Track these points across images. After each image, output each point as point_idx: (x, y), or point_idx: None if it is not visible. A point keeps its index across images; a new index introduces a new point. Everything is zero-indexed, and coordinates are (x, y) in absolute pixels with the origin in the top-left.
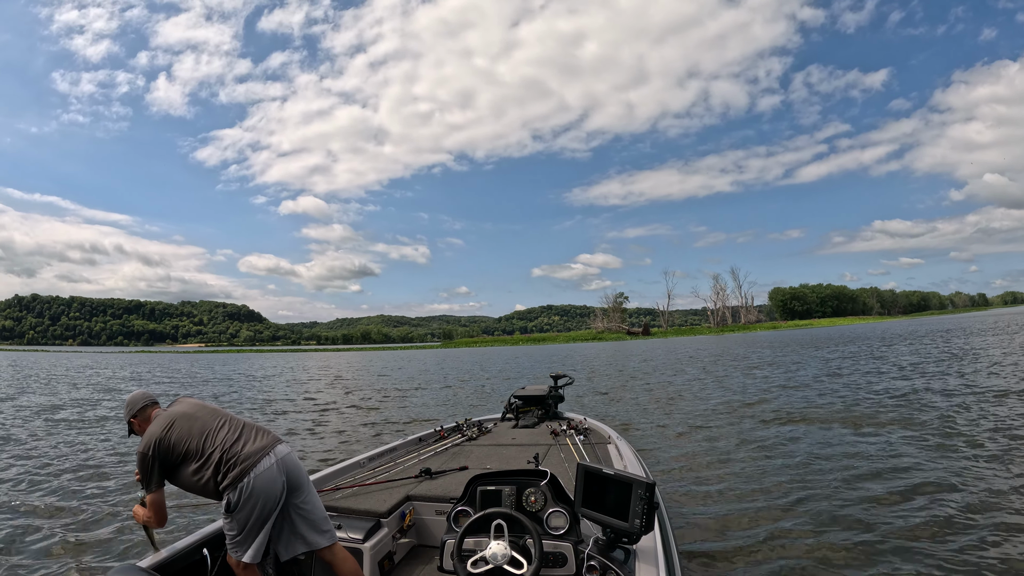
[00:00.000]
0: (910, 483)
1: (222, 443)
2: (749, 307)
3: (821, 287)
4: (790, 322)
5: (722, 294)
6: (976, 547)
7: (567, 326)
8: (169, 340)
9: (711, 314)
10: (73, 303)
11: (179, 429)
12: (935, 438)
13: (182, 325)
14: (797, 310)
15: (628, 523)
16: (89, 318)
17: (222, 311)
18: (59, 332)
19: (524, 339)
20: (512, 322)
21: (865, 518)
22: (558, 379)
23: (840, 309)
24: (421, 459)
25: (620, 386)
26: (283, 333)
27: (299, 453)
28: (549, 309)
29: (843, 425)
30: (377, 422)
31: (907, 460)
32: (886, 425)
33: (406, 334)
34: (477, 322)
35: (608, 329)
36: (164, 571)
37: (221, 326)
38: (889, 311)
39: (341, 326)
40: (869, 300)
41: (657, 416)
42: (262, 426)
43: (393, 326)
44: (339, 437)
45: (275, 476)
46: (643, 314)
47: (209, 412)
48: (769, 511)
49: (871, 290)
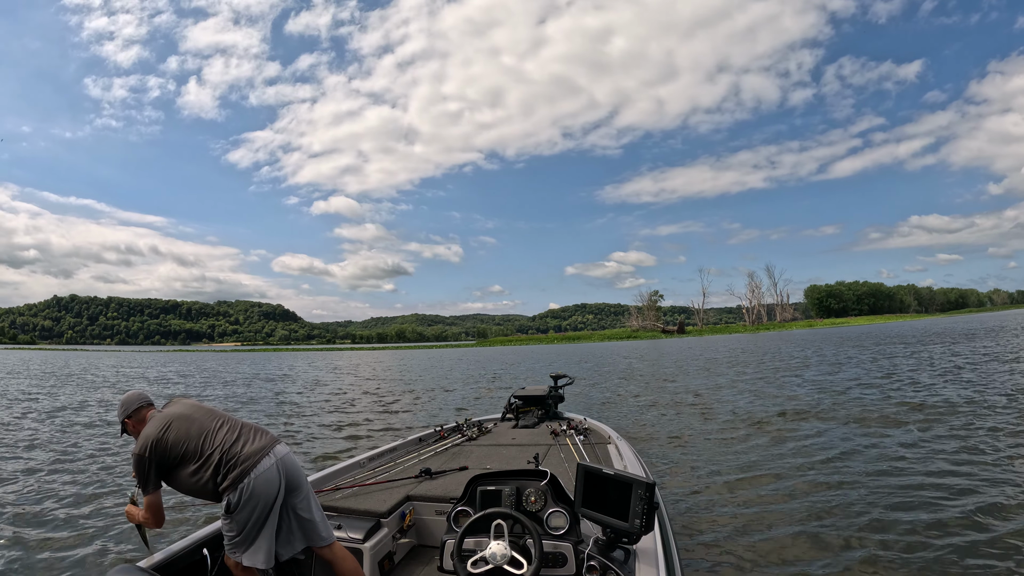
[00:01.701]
0: (913, 485)
1: (221, 443)
2: (785, 305)
3: (857, 284)
4: (826, 320)
5: (757, 292)
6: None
7: (601, 324)
8: (205, 339)
9: (746, 312)
10: (111, 303)
11: (176, 430)
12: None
13: (218, 324)
14: (833, 308)
15: (628, 523)
16: (127, 318)
17: (258, 311)
18: (97, 332)
19: (559, 338)
20: (546, 321)
21: (865, 517)
22: (558, 379)
23: (877, 307)
24: (421, 459)
25: (649, 388)
26: (318, 332)
27: (318, 449)
28: (583, 308)
29: (860, 425)
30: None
31: (926, 462)
32: (903, 424)
33: (440, 333)
34: (511, 321)
35: (643, 328)
36: (164, 571)
37: (256, 325)
38: (926, 309)
39: (375, 325)
40: (906, 298)
41: (661, 415)
42: (260, 426)
43: (427, 325)
44: (381, 434)
45: (275, 476)
46: (678, 312)
47: (206, 413)
48: (770, 511)
49: (908, 287)
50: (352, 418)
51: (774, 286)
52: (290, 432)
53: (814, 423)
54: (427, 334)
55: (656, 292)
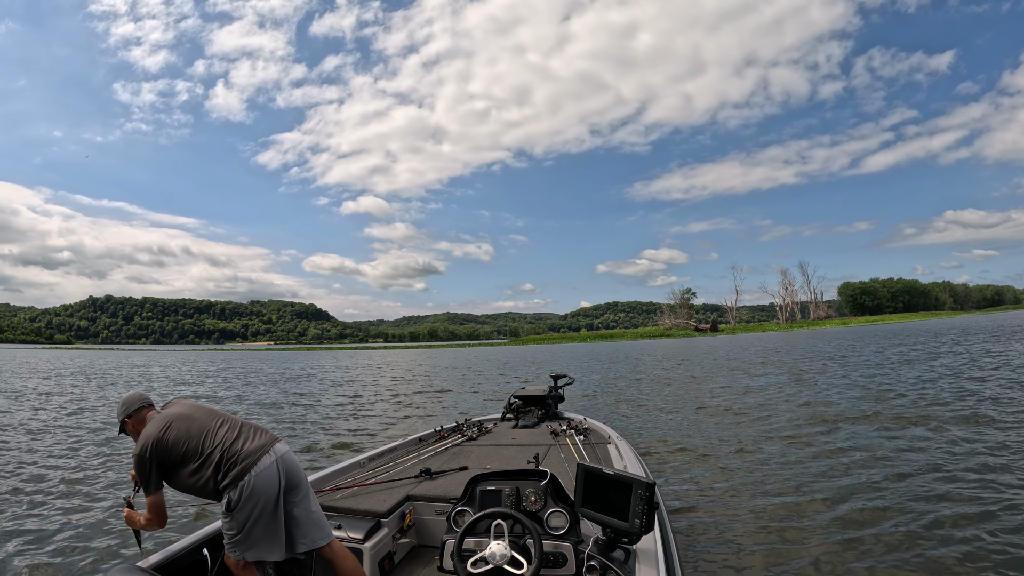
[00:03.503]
0: (922, 492)
1: (222, 442)
2: (818, 303)
3: (892, 281)
4: (860, 318)
5: (790, 289)
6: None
7: (633, 323)
8: (239, 339)
9: (779, 310)
10: (146, 303)
11: (176, 430)
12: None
13: (251, 324)
14: (867, 305)
15: (628, 523)
16: (161, 317)
17: (290, 310)
18: (132, 332)
19: (591, 336)
20: (578, 319)
21: (864, 518)
22: (558, 379)
23: (911, 304)
24: (421, 459)
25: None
26: (350, 331)
27: (323, 443)
28: (615, 306)
29: (871, 424)
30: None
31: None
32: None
33: (472, 332)
34: (542, 319)
35: (675, 326)
36: (164, 571)
37: (289, 324)
38: (962, 306)
39: (407, 324)
40: (941, 295)
41: (664, 415)
42: (260, 425)
43: (459, 324)
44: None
45: (274, 474)
46: (710, 310)
47: (206, 412)
48: (770, 511)
49: (943, 284)
50: (378, 415)
51: (807, 283)
52: (300, 431)
53: (831, 425)
54: (459, 333)
55: (688, 290)
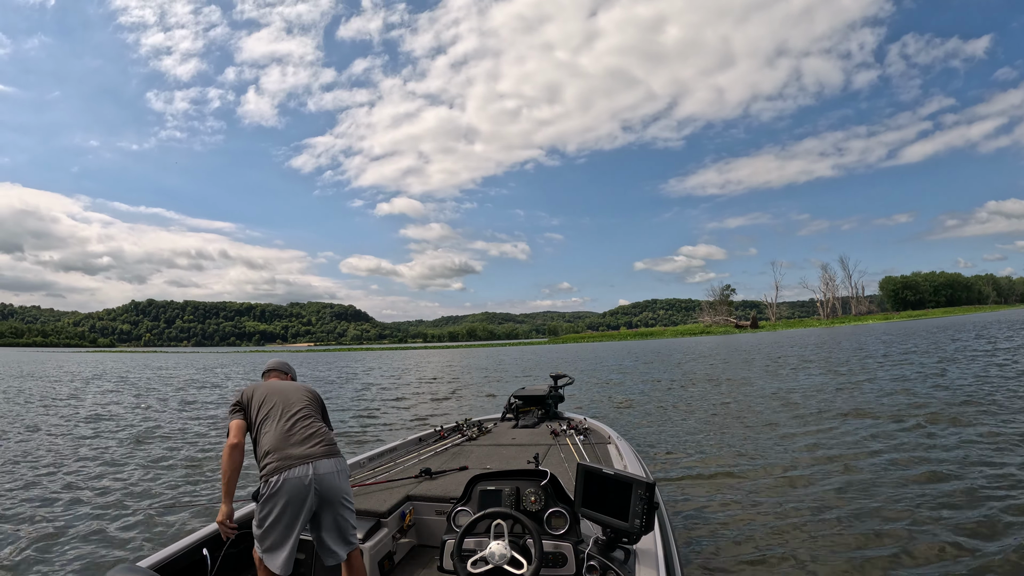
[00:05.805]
0: (915, 487)
1: (276, 432)
2: (860, 298)
3: (934, 275)
4: (903, 313)
5: (831, 284)
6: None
7: (672, 320)
8: (279, 340)
9: (820, 305)
10: (187, 307)
11: (263, 397)
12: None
13: (291, 325)
14: (910, 300)
15: (628, 523)
16: (202, 320)
17: (329, 311)
18: (173, 334)
19: (631, 334)
20: (616, 317)
21: (864, 518)
22: (558, 379)
23: (954, 298)
24: (421, 459)
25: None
26: (389, 332)
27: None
28: (653, 303)
29: (886, 420)
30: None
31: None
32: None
33: (511, 331)
34: (581, 318)
35: (715, 323)
36: (164, 571)
37: (328, 325)
38: (1006, 300)
39: (446, 324)
40: (985, 288)
41: (678, 417)
42: (321, 432)
43: (498, 323)
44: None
45: (305, 486)
46: (749, 307)
47: (296, 398)
48: (771, 511)
49: (987, 277)
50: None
51: (848, 278)
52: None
53: (840, 420)
54: (498, 332)
55: (728, 286)
